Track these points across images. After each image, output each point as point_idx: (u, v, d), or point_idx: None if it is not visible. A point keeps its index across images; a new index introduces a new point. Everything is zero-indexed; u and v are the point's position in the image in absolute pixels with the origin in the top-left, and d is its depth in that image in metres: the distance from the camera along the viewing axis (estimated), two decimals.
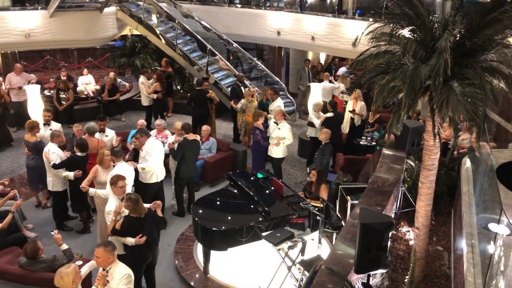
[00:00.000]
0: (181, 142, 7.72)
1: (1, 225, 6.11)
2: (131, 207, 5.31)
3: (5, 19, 11.10)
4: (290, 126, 8.66)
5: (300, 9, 12.39)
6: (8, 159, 10.09)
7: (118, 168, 6.43)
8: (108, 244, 4.66)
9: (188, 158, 7.72)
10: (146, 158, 7.07)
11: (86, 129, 7.62)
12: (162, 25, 13.20)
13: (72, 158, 7.07)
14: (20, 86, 10.83)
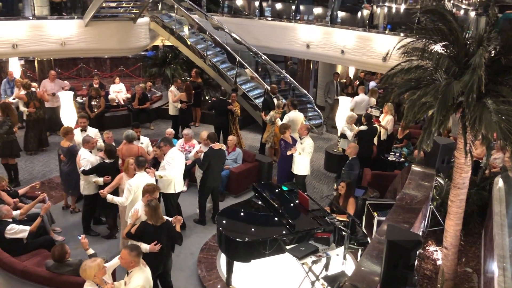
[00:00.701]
0: (207, 152, 7.77)
1: (31, 228, 6.24)
2: (149, 213, 5.39)
3: (43, 28, 11.49)
4: (313, 143, 8.49)
5: (331, 22, 12.39)
6: (40, 163, 10.36)
7: (138, 177, 6.50)
8: (134, 248, 4.72)
9: (214, 167, 7.75)
10: (165, 167, 7.13)
11: (125, 137, 7.74)
12: (193, 37, 13.40)
13: (100, 164, 7.19)
14: (54, 92, 11.16)
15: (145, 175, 6.58)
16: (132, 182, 6.39)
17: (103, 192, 6.65)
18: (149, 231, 5.42)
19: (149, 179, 6.56)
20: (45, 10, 11.87)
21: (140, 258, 4.70)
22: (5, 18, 11.19)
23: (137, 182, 6.38)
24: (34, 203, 6.80)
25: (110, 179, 6.99)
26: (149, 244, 5.34)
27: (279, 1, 13.84)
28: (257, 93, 12.52)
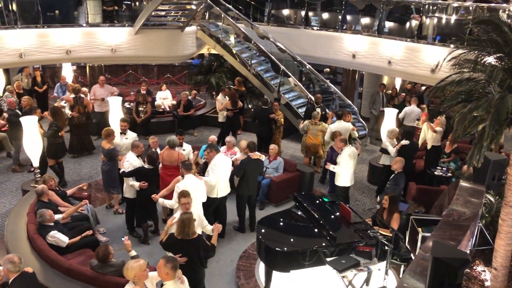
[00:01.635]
0: (243, 160, 7.82)
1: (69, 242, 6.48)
2: (178, 227, 5.39)
3: (95, 35, 11.96)
4: (351, 154, 8.27)
5: (378, 32, 12.20)
6: (87, 165, 10.73)
7: (187, 179, 6.59)
8: (170, 261, 4.64)
9: (249, 176, 7.74)
10: (209, 173, 7.21)
11: (167, 142, 7.88)
12: (238, 45, 13.55)
13: (138, 169, 7.33)
14: (103, 97, 11.55)
15: (193, 178, 6.67)
16: (181, 185, 6.50)
17: (155, 196, 6.79)
18: (175, 244, 5.42)
19: (197, 182, 6.65)
20: (98, 18, 12.36)
21: (175, 272, 4.61)
22: (61, 25, 11.73)
23: (185, 185, 6.48)
24: (75, 208, 7.02)
25: (147, 185, 7.11)
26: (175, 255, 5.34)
27: (325, 11, 13.77)
28: (300, 103, 12.48)
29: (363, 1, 12.71)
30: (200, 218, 6.06)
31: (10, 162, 10.68)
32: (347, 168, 8.27)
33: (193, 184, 6.51)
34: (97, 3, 12.36)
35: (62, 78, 12.88)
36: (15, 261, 4.76)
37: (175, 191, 6.50)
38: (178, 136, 8.38)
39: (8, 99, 10.76)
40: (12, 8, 11.09)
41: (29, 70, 13.81)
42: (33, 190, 7.48)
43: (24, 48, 11.06)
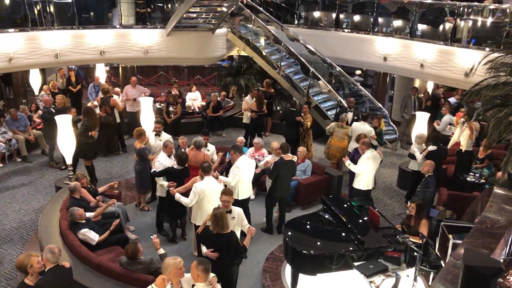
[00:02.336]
0: (277, 161, 7.80)
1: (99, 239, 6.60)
2: (212, 223, 5.47)
3: (128, 36, 12.19)
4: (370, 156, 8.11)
5: (410, 35, 11.99)
6: (119, 164, 10.95)
7: (205, 181, 6.63)
8: (202, 263, 4.66)
9: (283, 178, 7.74)
10: (230, 174, 7.24)
11: (193, 143, 7.95)
12: (268, 47, 13.57)
13: (167, 169, 7.42)
14: (135, 98, 11.76)
15: (212, 180, 6.70)
16: (198, 185, 6.57)
17: (173, 190, 6.87)
18: (208, 237, 5.52)
19: (215, 184, 6.67)
20: (131, 19, 12.60)
21: (206, 275, 4.62)
22: (95, 26, 12.02)
23: (202, 186, 6.54)
24: (104, 207, 7.13)
25: (175, 185, 7.18)
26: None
27: (357, 13, 13.64)
28: (330, 105, 12.39)
29: (396, 3, 12.51)
30: (240, 216, 6.06)
31: (45, 159, 11.01)
32: (366, 171, 8.14)
33: (211, 186, 6.54)
34: (130, 5, 12.61)
35: (95, 78, 13.19)
36: (55, 252, 4.92)
37: (192, 191, 6.57)
38: (203, 136, 8.44)
39: (44, 97, 11.13)
40: (49, 10, 11.43)
41: (63, 70, 14.22)
42: (66, 187, 7.67)
43: (59, 49, 11.37)
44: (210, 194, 6.53)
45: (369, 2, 13.04)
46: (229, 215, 5.89)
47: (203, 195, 6.53)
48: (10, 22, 11.20)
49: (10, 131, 10.69)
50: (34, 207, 8.88)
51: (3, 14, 11.45)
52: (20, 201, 9.11)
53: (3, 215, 8.55)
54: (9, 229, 8.13)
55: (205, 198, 6.53)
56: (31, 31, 11.07)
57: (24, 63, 11.09)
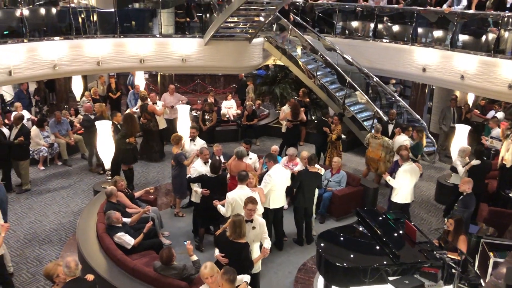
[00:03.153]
0: (300, 171, 7.78)
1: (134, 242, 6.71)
2: (230, 229, 5.51)
3: (167, 45, 12.45)
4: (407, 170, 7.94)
5: (451, 46, 11.70)
6: (155, 169, 11.14)
7: (238, 190, 6.68)
8: (227, 272, 4.61)
9: (305, 188, 7.67)
10: (262, 182, 7.25)
11: (235, 153, 7.94)
12: (304, 57, 13.55)
13: (201, 177, 7.53)
14: (172, 105, 11.97)
15: (245, 189, 6.71)
16: (229, 195, 6.63)
17: (215, 202, 6.92)
18: (223, 241, 5.59)
19: (248, 193, 6.64)
20: (170, 29, 12.87)
21: (230, 285, 4.57)
22: (136, 35, 12.35)
23: (233, 195, 6.58)
24: (140, 214, 7.24)
25: (208, 193, 7.26)
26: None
27: (395, 23, 13.43)
28: (366, 116, 12.22)
29: (436, 13, 12.25)
30: (261, 227, 6.03)
31: (84, 163, 11.35)
32: (403, 185, 7.96)
33: (243, 195, 6.53)
34: (170, 15, 12.89)
35: (136, 86, 13.49)
36: (71, 267, 4.84)
37: (226, 200, 6.62)
38: (244, 145, 8.48)
39: (85, 104, 11.49)
40: (93, 19, 11.83)
41: (104, 78, 14.64)
42: (104, 191, 7.87)
43: (101, 56, 11.74)
44: (242, 202, 6.54)
45: (408, 12, 12.81)
46: (250, 224, 5.87)
47: (235, 204, 6.56)
48: (55, 31, 11.64)
49: (52, 134, 11.08)
50: (72, 209, 9.15)
51: (50, 23, 11.91)
52: (60, 203, 9.40)
53: (43, 216, 8.84)
54: (48, 230, 8.40)
55: (237, 206, 6.56)
56: (75, 39, 11.49)
57: (67, 70, 11.51)
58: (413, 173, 7.96)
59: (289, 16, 13.55)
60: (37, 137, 10.66)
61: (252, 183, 6.93)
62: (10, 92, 14.64)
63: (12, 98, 13.95)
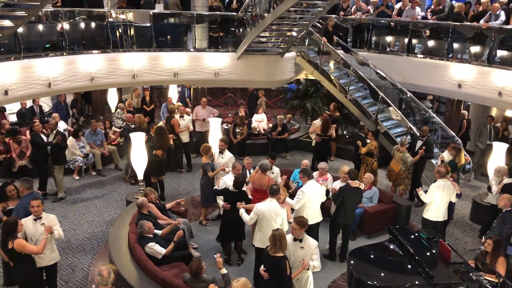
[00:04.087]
0: (342, 187, 7.68)
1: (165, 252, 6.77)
2: (270, 243, 5.52)
3: (201, 59, 12.65)
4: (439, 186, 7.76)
5: (488, 62, 11.42)
6: (186, 181, 11.26)
7: (267, 202, 6.69)
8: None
9: (347, 204, 7.58)
10: (295, 197, 7.19)
11: (259, 166, 7.97)
12: (336, 71, 13.49)
13: (223, 190, 7.61)
14: (204, 118, 12.12)
15: (275, 203, 6.71)
16: (259, 205, 6.66)
17: (239, 205, 6.97)
18: (265, 256, 5.62)
19: (277, 208, 6.65)
20: (204, 43, 13.08)
21: None
22: (171, 49, 12.61)
23: (263, 207, 6.61)
24: (171, 227, 7.30)
25: (229, 207, 7.30)
26: None
27: (430, 38, 13.23)
28: (399, 131, 12.02)
29: (473, 28, 12.00)
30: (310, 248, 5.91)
31: (118, 173, 11.58)
32: (435, 201, 7.80)
33: (272, 209, 6.54)
34: (204, 30, 13.11)
35: (168, 99, 13.72)
36: (103, 275, 4.98)
37: (253, 210, 6.66)
38: (269, 160, 8.49)
39: (127, 114, 11.88)
40: (130, 33, 12.17)
41: (138, 90, 14.98)
42: (135, 201, 7.99)
43: (137, 70, 12.02)
44: (269, 216, 6.55)
45: (443, 27, 12.60)
46: (298, 243, 5.85)
47: (262, 216, 6.58)
48: (94, 44, 12.03)
49: (87, 144, 11.37)
50: (105, 219, 9.32)
51: (88, 37, 12.32)
52: (93, 212, 9.60)
53: (77, 225, 9.04)
54: (82, 239, 8.57)
55: (264, 219, 6.59)
56: (112, 52, 11.83)
57: (104, 83, 11.85)
58: (446, 190, 7.77)
59: (333, 38, 13.44)
60: (73, 147, 10.97)
61: (280, 198, 6.93)
62: (48, 103, 15.17)
63: (50, 108, 14.43)
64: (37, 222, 6.18)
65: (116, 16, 12.02)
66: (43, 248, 5.95)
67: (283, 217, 6.73)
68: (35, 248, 5.92)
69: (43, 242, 5.97)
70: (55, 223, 6.33)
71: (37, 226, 6.15)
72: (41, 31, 11.36)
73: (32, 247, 5.92)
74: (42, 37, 11.41)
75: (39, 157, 9.76)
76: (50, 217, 6.36)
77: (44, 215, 6.28)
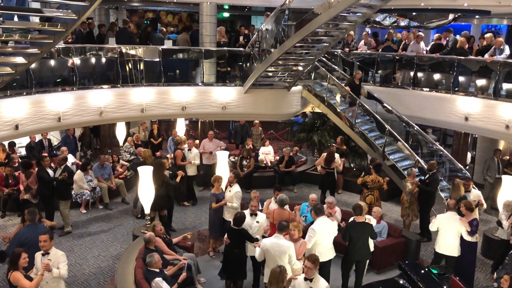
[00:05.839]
0: (348, 223, 7.63)
1: None
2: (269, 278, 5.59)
3: (208, 93, 12.82)
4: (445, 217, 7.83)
5: (494, 95, 11.48)
6: (192, 215, 11.22)
7: (273, 239, 6.65)
8: None
9: (355, 239, 7.47)
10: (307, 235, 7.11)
11: (279, 201, 7.97)
12: (343, 104, 13.59)
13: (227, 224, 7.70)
14: (211, 151, 12.18)
15: (280, 239, 6.64)
16: (264, 240, 6.67)
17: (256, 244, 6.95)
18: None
19: (283, 244, 6.55)
20: (212, 77, 13.29)
21: None
22: (179, 84, 12.82)
23: (266, 242, 6.60)
24: (175, 268, 7.22)
25: (229, 242, 7.29)
26: None
27: (436, 72, 13.36)
28: (407, 165, 11.98)
29: (478, 62, 12.13)
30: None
31: (125, 207, 11.58)
32: (441, 233, 7.85)
33: (275, 245, 6.50)
34: (212, 65, 13.35)
35: (173, 133, 13.82)
36: None
37: (260, 246, 6.66)
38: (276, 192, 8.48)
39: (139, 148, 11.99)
40: (139, 68, 12.41)
41: (146, 124, 15.13)
42: (142, 236, 7.94)
43: (145, 104, 12.17)
44: (273, 252, 6.49)
45: (447, 61, 12.75)
46: (309, 283, 5.78)
47: (266, 252, 6.56)
48: (103, 79, 12.24)
49: (95, 178, 11.41)
50: (112, 253, 9.26)
51: (98, 72, 12.56)
52: (100, 247, 9.55)
53: (83, 260, 8.98)
54: (87, 274, 8.50)
55: (268, 255, 6.55)
56: (121, 87, 12.03)
57: (113, 117, 11.98)
58: (452, 224, 7.75)
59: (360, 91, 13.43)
60: (81, 181, 11.01)
61: (294, 235, 6.79)
62: (57, 137, 15.33)
63: (59, 142, 14.57)
64: (45, 257, 6.15)
65: (126, 51, 12.26)
66: (35, 285, 5.81)
67: (291, 254, 6.52)
68: (28, 284, 5.80)
69: (37, 279, 5.85)
70: (61, 260, 6.26)
71: (44, 261, 6.11)
72: (52, 66, 11.60)
73: (26, 282, 5.80)
74: (53, 72, 11.64)
75: (45, 191, 9.79)
76: (58, 253, 6.32)
77: (53, 251, 6.25)
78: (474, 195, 9.44)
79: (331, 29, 10.82)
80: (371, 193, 10.11)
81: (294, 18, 10.91)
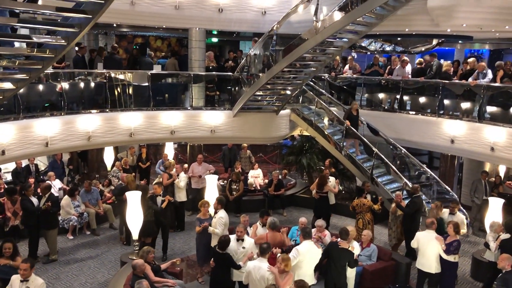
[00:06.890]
0: (330, 243, 7.58)
1: None
2: None
3: (197, 117, 12.87)
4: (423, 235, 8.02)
5: (478, 118, 11.69)
6: (181, 240, 11.10)
7: (255, 262, 6.67)
8: None
9: (332, 263, 7.29)
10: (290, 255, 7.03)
11: (271, 224, 8.01)
12: (330, 128, 13.71)
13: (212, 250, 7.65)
14: (200, 174, 12.13)
15: (263, 263, 6.59)
16: (249, 263, 6.70)
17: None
18: None
19: (264, 268, 6.49)
20: (201, 102, 13.36)
21: None
22: (169, 108, 12.85)
23: (249, 266, 6.64)
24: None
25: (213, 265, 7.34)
26: None
27: (421, 95, 13.60)
28: (395, 187, 12.05)
29: (462, 86, 12.38)
30: None
31: (112, 233, 11.43)
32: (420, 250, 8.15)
33: (257, 269, 6.49)
34: (201, 89, 13.44)
35: (164, 156, 13.79)
36: None
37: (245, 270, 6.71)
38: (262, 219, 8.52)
39: (122, 174, 11.82)
40: (128, 92, 12.43)
41: (134, 149, 15.07)
42: (130, 263, 7.82)
43: (134, 128, 12.16)
44: (254, 275, 6.51)
45: (433, 85, 12.99)
46: None
47: (249, 276, 6.57)
48: (92, 103, 12.22)
49: (82, 203, 11.27)
50: (99, 280, 9.09)
51: (87, 96, 12.54)
52: (87, 274, 9.37)
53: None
54: None
55: (250, 278, 6.59)
56: (110, 111, 12.01)
57: (101, 141, 11.92)
58: (429, 241, 7.96)
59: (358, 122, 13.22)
60: (68, 206, 10.87)
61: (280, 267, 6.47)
62: (44, 162, 15.16)
63: (46, 167, 14.41)
64: (23, 284, 6.04)
65: (115, 76, 12.29)
66: None
67: (269, 279, 6.37)
68: None
69: None
70: None
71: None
72: (40, 91, 11.54)
73: None
74: (42, 97, 11.57)
75: (29, 221, 9.61)
76: (38, 281, 6.22)
77: (32, 278, 6.15)
78: (458, 219, 9.43)
79: (318, 54, 11.00)
80: (361, 217, 10.17)
81: (282, 43, 11.10)
